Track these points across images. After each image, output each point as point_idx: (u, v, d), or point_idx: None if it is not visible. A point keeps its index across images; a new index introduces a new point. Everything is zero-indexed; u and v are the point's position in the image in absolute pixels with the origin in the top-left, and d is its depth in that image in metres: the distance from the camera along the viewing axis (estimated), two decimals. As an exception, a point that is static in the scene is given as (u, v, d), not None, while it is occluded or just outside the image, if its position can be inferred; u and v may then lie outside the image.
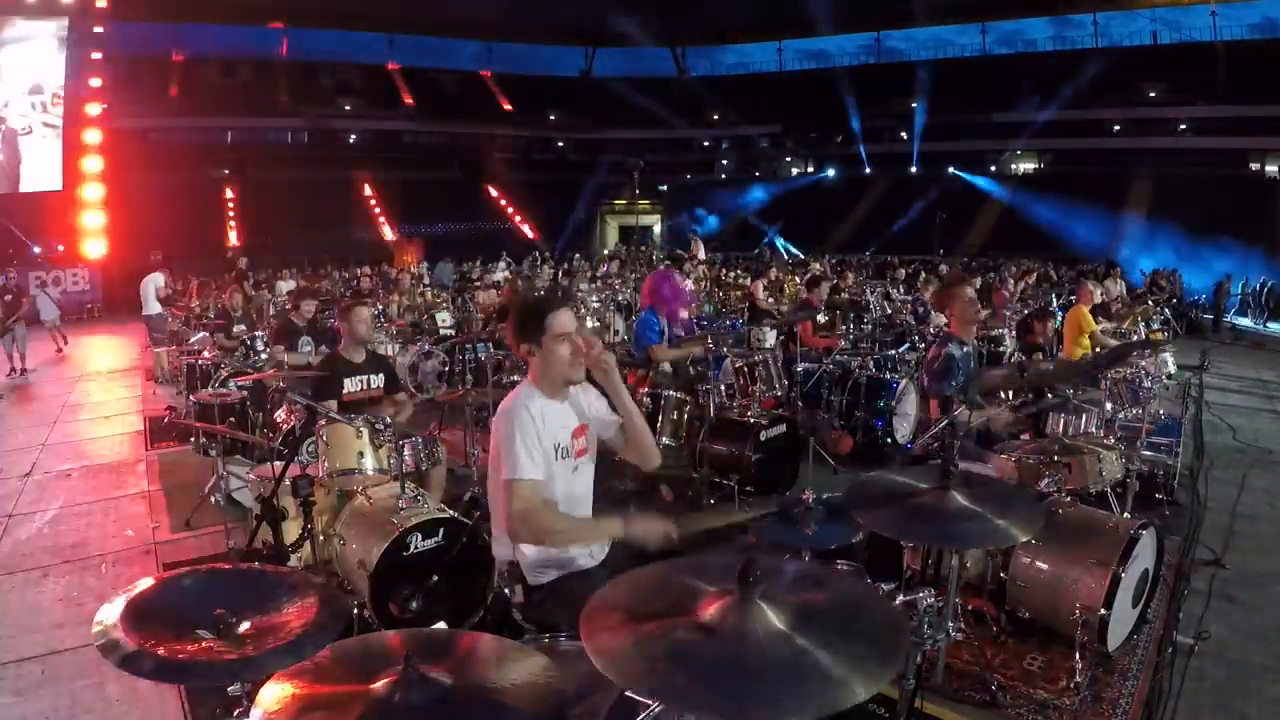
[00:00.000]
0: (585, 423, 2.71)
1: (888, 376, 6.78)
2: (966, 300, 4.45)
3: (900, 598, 2.53)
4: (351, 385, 4.70)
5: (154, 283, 11.95)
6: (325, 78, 36.98)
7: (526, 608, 2.62)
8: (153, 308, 11.87)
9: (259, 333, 7.95)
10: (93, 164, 20.18)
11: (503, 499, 2.50)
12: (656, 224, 37.98)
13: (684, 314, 7.52)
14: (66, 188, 20.14)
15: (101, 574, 4.43)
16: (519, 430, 2.47)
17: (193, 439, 6.38)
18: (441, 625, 2.91)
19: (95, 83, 19.75)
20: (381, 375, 4.89)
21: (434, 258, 25.55)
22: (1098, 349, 7.07)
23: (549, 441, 2.54)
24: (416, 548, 3.50)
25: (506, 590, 2.67)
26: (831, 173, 38.06)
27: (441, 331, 10.45)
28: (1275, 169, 29.31)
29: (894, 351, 7.60)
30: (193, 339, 9.25)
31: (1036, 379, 4.46)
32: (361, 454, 3.87)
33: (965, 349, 4.35)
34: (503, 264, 22.09)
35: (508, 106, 40.10)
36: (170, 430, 7.18)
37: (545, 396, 2.61)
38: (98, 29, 19.49)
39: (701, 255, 21.22)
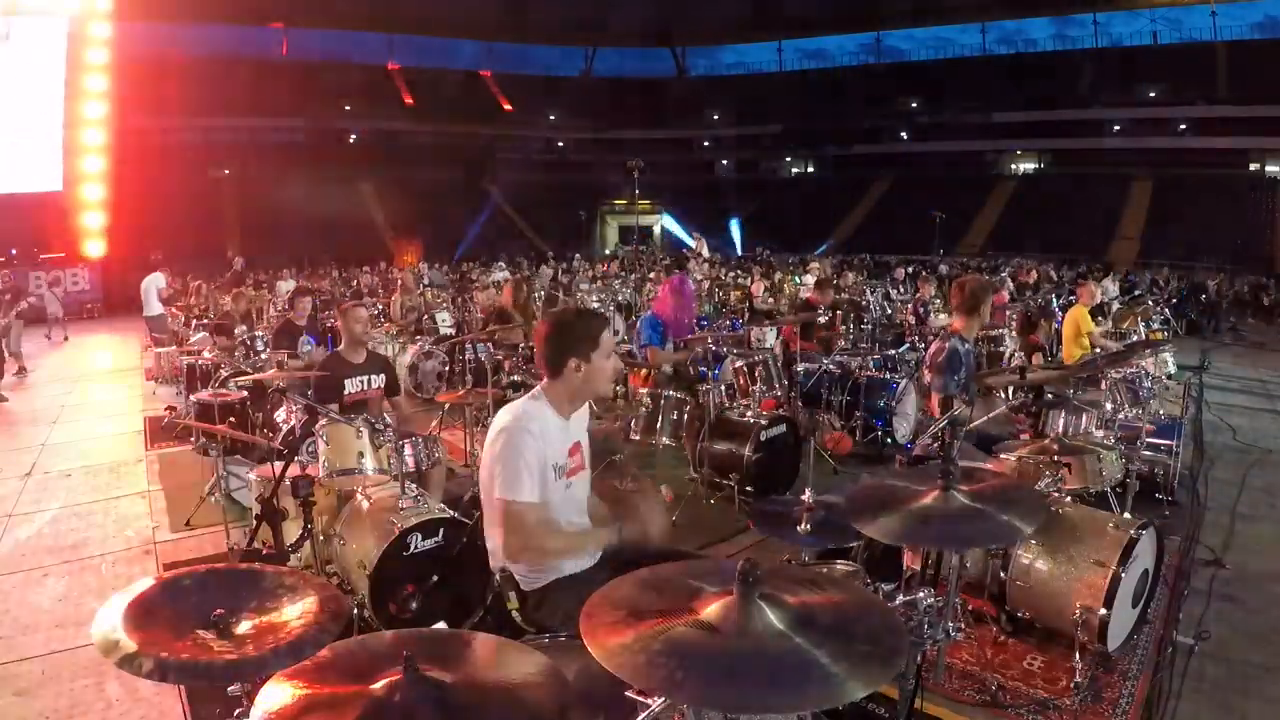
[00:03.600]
0: (579, 441, 2.71)
1: (888, 376, 6.79)
2: (989, 306, 4.50)
3: (900, 598, 2.52)
4: (352, 386, 4.71)
5: (155, 283, 11.93)
6: (325, 78, 37.01)
7: (522, 612, 2.62)
8: (154, 308, 11.86)
9: (259, 333, 7.96)
10: (93, 164, 20.17)
11: (498, 516, 2.47)
12: (656, 224, 38.02)
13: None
14: (66, 188, 20.13)
15: (101, 574, 4.43)
16: (519, 450, 2.42)
17: (193, 439, 6.39)
18: (441, 625, 2.91)
19: (95, 83, 19.74)
20: (382, 375, 4.89)
21: (434, 258, 25.58)
22: (1096, 350, 7.07)
23: (550, 461, 2.51)
24: (416, 548, 3.50)
25: (505, 596, 2.68)
26: (831, 173, 38.09)
27: (441, 331, 10.45)
28: (1275, 169, 29.31)
29: (894, 351, 7.61)
30: (193, 339, 9.26)
31: (1037, 381, 4.47)
32: (361, 454, 3.87)
33: (967, 346, 4.36)
34: (502, 264, 22.11)
35: (508, 106, 40.13)
36: (170, 430, 7.18)
37: (553, 413, 2.56)
38: (98, 30, 19.46)
39: (705, 253, 21.19)
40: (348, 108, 36.82)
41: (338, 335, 5.52)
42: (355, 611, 3.24)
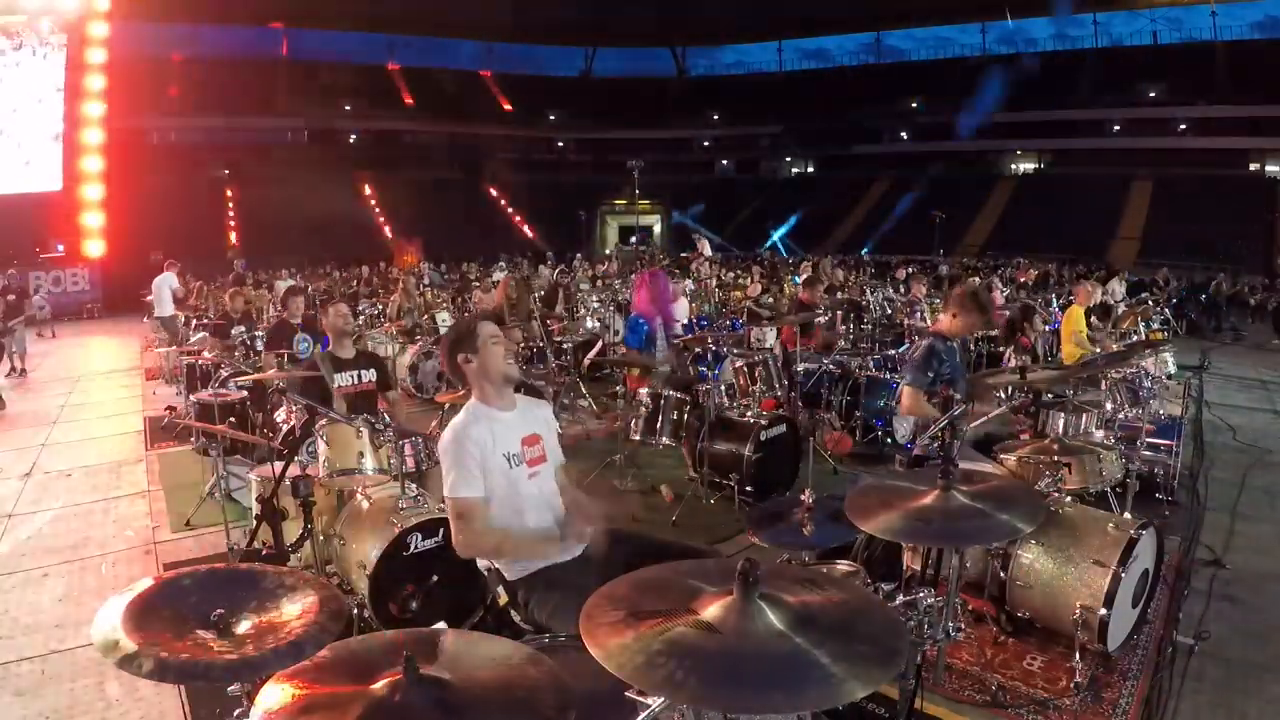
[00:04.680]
0: (537, 432, 2.81)
1: (887, 376, 6.79)
2: (972, 312, 4.37)
3: (900, 598, 2.53)
4: (341, 380, 4.71)
5: (168, 283, 11.72)
6: (325, 78, 37.01)
7: (512, 604, 2.64)
8: (167, 309, 11.62)
9: (259, 333, 7.95)
10: (93, 164, 20.18)
11: (449, 514, 2.64)
12: (656, 224, 38.01)
13: (679, 315, 7.54)
14: (66, 188, 20.14)
15: (101, 574, 4.43)
16: (455, 452, 2.59)
17: (193, 439, 6.39)
18: (441, 625, 2.91)
19: (95, 83, 19.74)
20: (373, 371, 4.89)
21: (434, 258, 25.58)
22: (1097, 350, 7.08)
23: (499, 452, 2.64)
24: (416, 548, 3.50)
25: (495, 592, 2.70)
26: (831, 173, 38.08)
27: (441, 331, 10.45)
28: (1275, 169, 29.30)
29: (894, 351, 7.60)
30: (193, 339, 9.24)
31: (1036, 381, 4.46)
32: (361, 454, 3.87)
33: (949, 344, 4.32)
34: (501, 264, 22.10)
35: (508, 106, 40.13)
36: (170, 430, 7.19)
37: (491, 409, 2.73)
38: (98, 30, 19.46)
39: (708, 253, 20.96)
40: (348, 108, 36.80)
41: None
42: (355, 611, 3.24)
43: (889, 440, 6.37)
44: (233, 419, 5.82)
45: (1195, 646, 3.36)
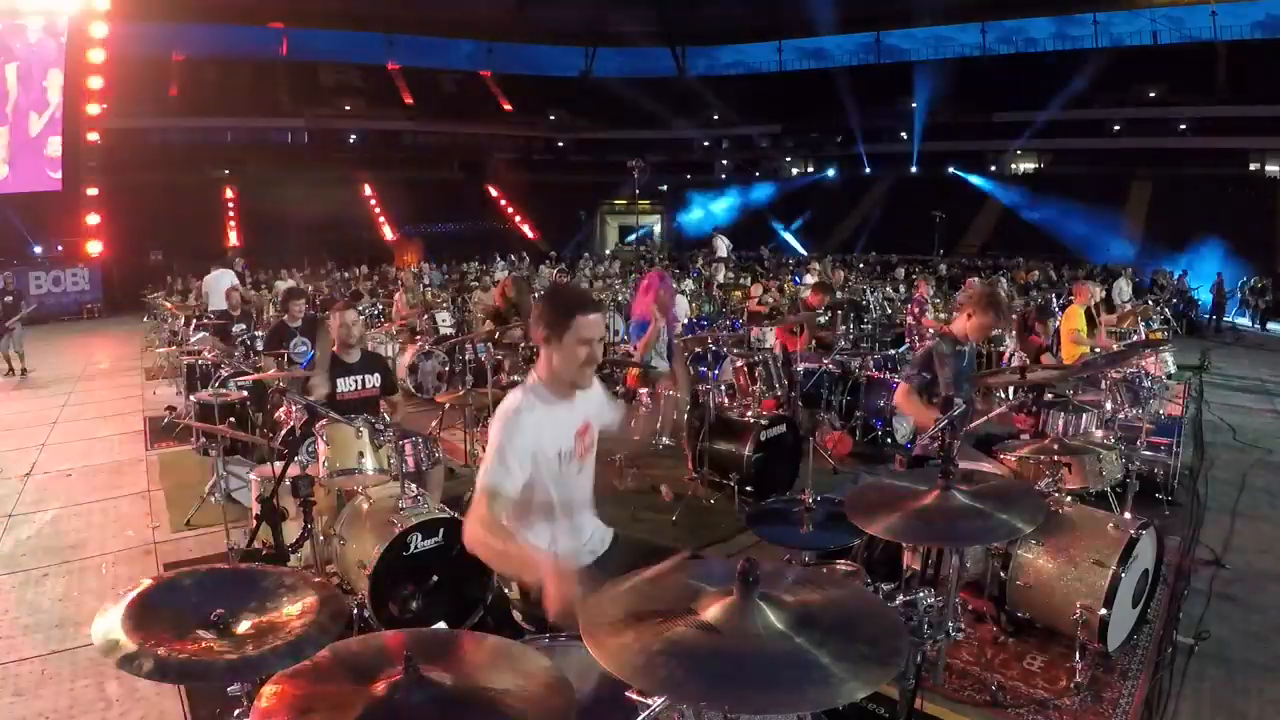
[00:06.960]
0: (589, 421, 2.66)
1: (887, 376, 6.79)
2: (985, 315, 4.32)
3: (900, 598, 2.53)
4: (345, 385, 4.68)
5: (231, 280, 11.34)
6: (325, 78, 36.98)
7: (524, 604, 2.62)
8: (223, 304, 11.19)
9: (258, 333, 7.96)
10: (93, 164, 20.19)
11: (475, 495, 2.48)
12: (656, 224, 37.99)
13: (679, 315, 7.54)
14: (66, 188, 20.12)
15: (101, 574, 4.43)
16: (507, 440, 2.43)
17: (193, 439, 6.39)
18: (441, 625, 2.91)
19: (95, 83, 19.73)
20: (377, 375, 4.86)
21: (434, 258, 25.59)
22: (1096, 350, 7.08)
23: (551, 450, 2.49)
24: (416, 548, 3.50)
25: (505, 589, 2.67)
26: (831, 173, 38.06)
27: (441, 331, 10.46)
28: (1275, 169, 29.29)
29: (894, 351, 7.61)
30: (193, 339, 9.24)
31: (1037, 381, 4.46)
32: (361, 454, 3.87)
33: (959, 348, 4.29)
34: (502, 264, 22.10)
35: (508, 106, 40.11)
36: (170, 430, 7.18)
37: (551, 397, 2.55)
38: (97, 29, 19.45)
39: (724, 252, 20.52)
40: (348, 108, 36.78)
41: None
42: (355, 611, 3.24)
43: (889, 440, 6.38)
44: (233, 419, 5.82)
45: (1195, 646, 3.37)
